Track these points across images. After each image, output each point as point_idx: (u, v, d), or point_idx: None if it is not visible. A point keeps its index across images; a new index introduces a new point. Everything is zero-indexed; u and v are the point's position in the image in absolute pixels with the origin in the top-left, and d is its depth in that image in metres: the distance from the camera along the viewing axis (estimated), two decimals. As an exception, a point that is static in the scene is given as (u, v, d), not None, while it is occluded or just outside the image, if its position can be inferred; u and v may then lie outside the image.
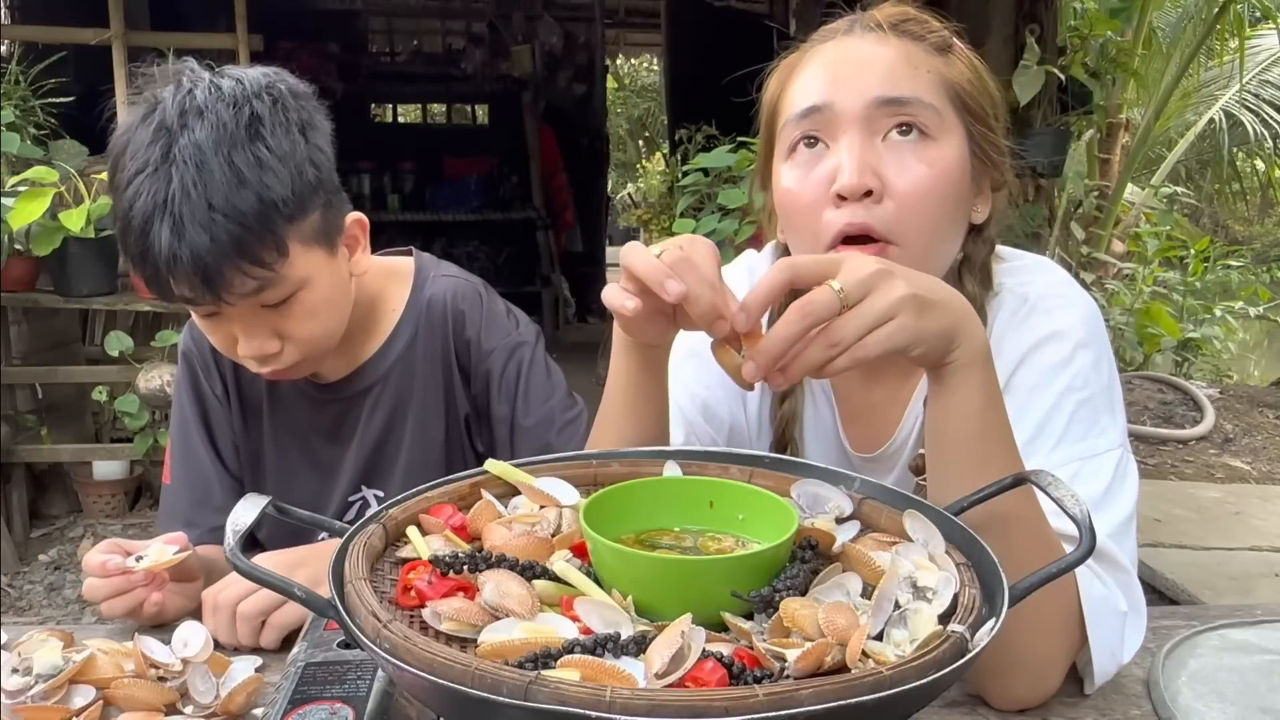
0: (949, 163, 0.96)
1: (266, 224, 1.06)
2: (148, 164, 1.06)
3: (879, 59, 0.97)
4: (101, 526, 3.86)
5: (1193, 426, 4.71)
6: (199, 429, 1.34)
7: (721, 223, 2.68)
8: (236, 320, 1.13)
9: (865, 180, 0.93)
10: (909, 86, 0.96)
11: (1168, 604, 2.82)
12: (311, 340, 1.16)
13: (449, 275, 1.35)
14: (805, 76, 1.01)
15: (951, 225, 0.99)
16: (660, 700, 0.53)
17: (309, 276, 1.13)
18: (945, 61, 1.00)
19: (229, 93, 1.08)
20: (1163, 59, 6.34)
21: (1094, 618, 0.87)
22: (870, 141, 0.96)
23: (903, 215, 0.94)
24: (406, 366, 1.31)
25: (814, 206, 0.97)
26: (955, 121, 0.98)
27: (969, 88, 1.00)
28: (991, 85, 1.03)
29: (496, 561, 0.68)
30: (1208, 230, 9.34)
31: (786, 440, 1.11)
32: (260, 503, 0.72)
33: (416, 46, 8.07)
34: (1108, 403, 0.97)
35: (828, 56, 1.00)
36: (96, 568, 1.07)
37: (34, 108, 3.66)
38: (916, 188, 0.94)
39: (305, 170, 1.10)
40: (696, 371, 1.10)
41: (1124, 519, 0.93)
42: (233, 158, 1.05)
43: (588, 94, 7.86)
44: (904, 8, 1.03)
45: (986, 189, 1.03)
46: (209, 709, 0.88)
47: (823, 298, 0.72)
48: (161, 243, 1.04)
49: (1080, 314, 1.00)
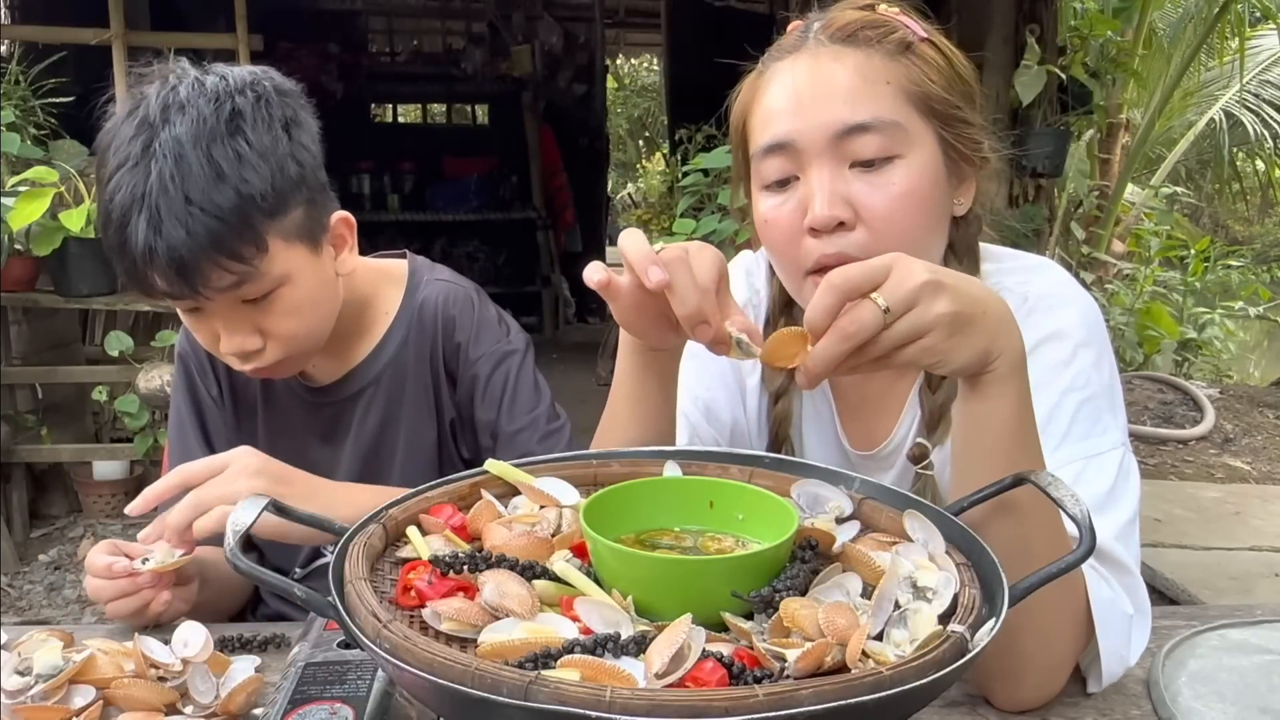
0: (919, 176, 0.96)
1: (244, 219, 1.06)
2: (128, 158, 1.06)
3: (836, 82, 0.96)
4: (101, 526, 3.86)
5: (1193, 426, 4.71)
6: (195, 431, 1.34)
7: (722, 223, 2.68)
8: (218, 316, 1.12)
9: (836, 213, 0.94)
10: (870, 108, 0.95)
11: (1168, 604, 2.82)
12: (293, 338, 1.16)
13: (442, 279, 1.34)
14: (768, 101, 1.00)
15: (930, 232, 0.99)
16: (660, 700, 0.53)
17: (290, 273, 1.12)
18: (906, 64, 0.97)
19: (211, 89, 1.08)
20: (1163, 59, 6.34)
21: (1102, 622, 0.87)
22: (838, 170, 0.95)
23: (878, 240, 0.94)
24: (398, 370, 1.30)
25: (790, 238, 0.98)
26: (923, 128, 0.97)
27: (934, 86, 0.98)
28: (962, 67, 1.02)
29: (496, 561, 0.68)
30: (1208, 230, 9.35)
31: (782, 439, 1.11)
32: (260, 503, 0.72)
33: (416, 46, 8.06)
34: (1109, 402, 0.97)
35: (787, 80, 0.99)
36: (102, 570, 1.07)
37: (34, 108, 3.65)
38: (889, 211, 0.94)
39: (287, 166, 1.10)
40: (698, 373, 1.10)
41: (1128, 520, 0.93)
42: (211, 152, 1.05)
43: (588, 94, 7.86)
44: (858, 13, 1.00)
45: (969, 176, 1.03)
46: (209, 709, 0.88)
47: (868, 319, 0.71)
48: (138, 236, 1.04)
49: (1080, 313, 1.00)
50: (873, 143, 0.95)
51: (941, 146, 0.98)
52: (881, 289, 0.72)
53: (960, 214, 1.03)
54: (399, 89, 7.82)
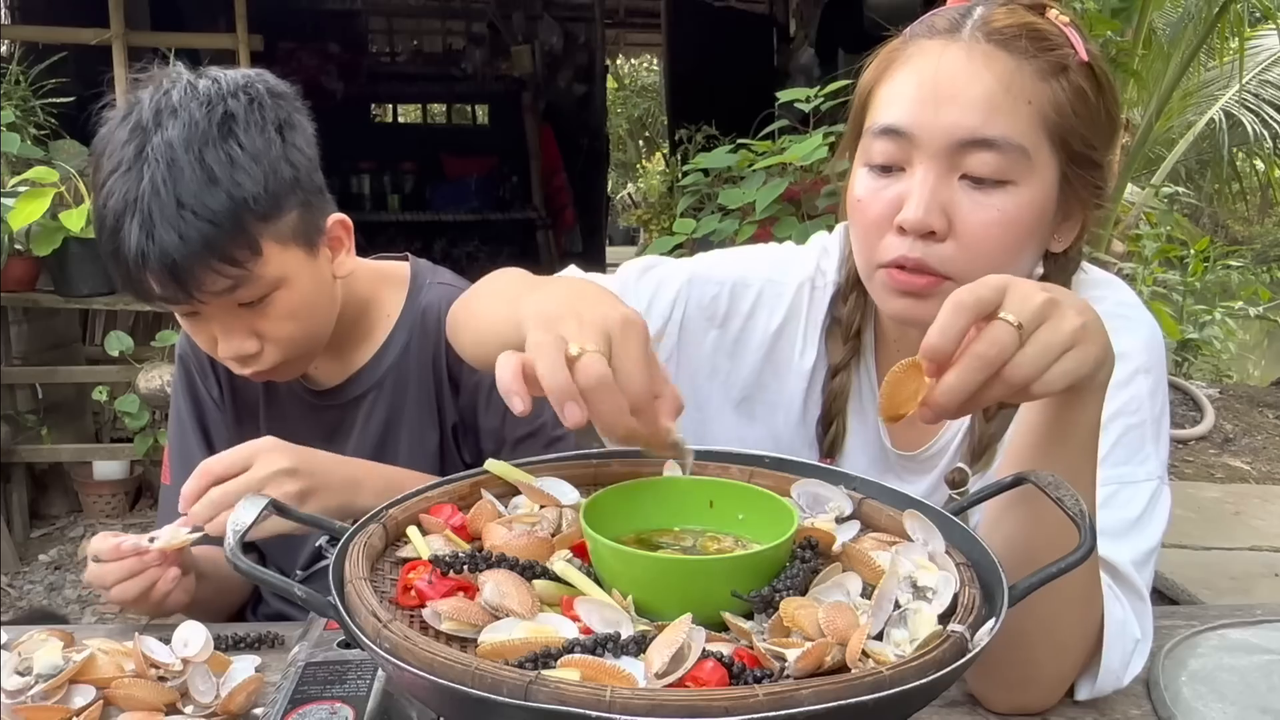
0: (1026, 209, 0.92)
1: (237, 222, 1.06)
2: (121, 163, 1.06)
3: (975, 85, 0.91)
4: (102, 526, 3.86)
5: (1193, 426, 4.71)
6: (195, 431, 1.34)
7: (722, 223, 2.67)
8: (215, 320, 1.12)
9: (930, 220, 0.90)
10: (1001, 124, 0.90)
11: (1168, 604, 2.82)
12: (291, 341, 1.16)
13: (445, 283, 1.34)
14: (899, 80, 0.95)
15: (1017, 264, 0.95)
16: (660, 700, 0.53)
17: (286, 276, 1.12)
18: (1056, 88, 0.92)
19: (204, 92, 1.08)
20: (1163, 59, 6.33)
21: (1111, 639, 0.88)
22: (945, 178, 0.92)
23: (963, 257, 0.91)
24: (401, 374, 1.30)
25: (878, 225, 0.95)
26: (1047, 159, 0.93)
27: (1074, 118, 0.93)
28: (1113, 104, 0.97)
29: (496, 561, 0.68)
30: (1208, 230, 9.33)
31: (835, 414, 1.08)
32: (260, 503, 0.72)
33: (416, 46, 8.06)
34: (1155, 432, 0.96)
35: (925, 66, 0.93)
36: (109, 550, 1.05)
37: (34, 108, 3.65)
38: (984, 234, 0.91)
39: (280, 169, 1.10)
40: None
41: (1149, 549, 0.92)
42: (204, 155, 1.05)
43: (588, 94, 7.85)
44: (1026, 15, 0.94)
45: (1077, 215, 0.98)
46: (209, 709, 0.88)
47: (1005, 337, 0.67)
48: (131, 241, 1.04)
49: (1146, 339, 0.98)
50: (991, 161, 0.90)
51: (1060, 183, 0.94)
52: (1005, 306, 0.68)
53: (1058, 250, 0.99)
54: (399, 89, 7.81)
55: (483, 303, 0.97)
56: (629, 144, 14.75)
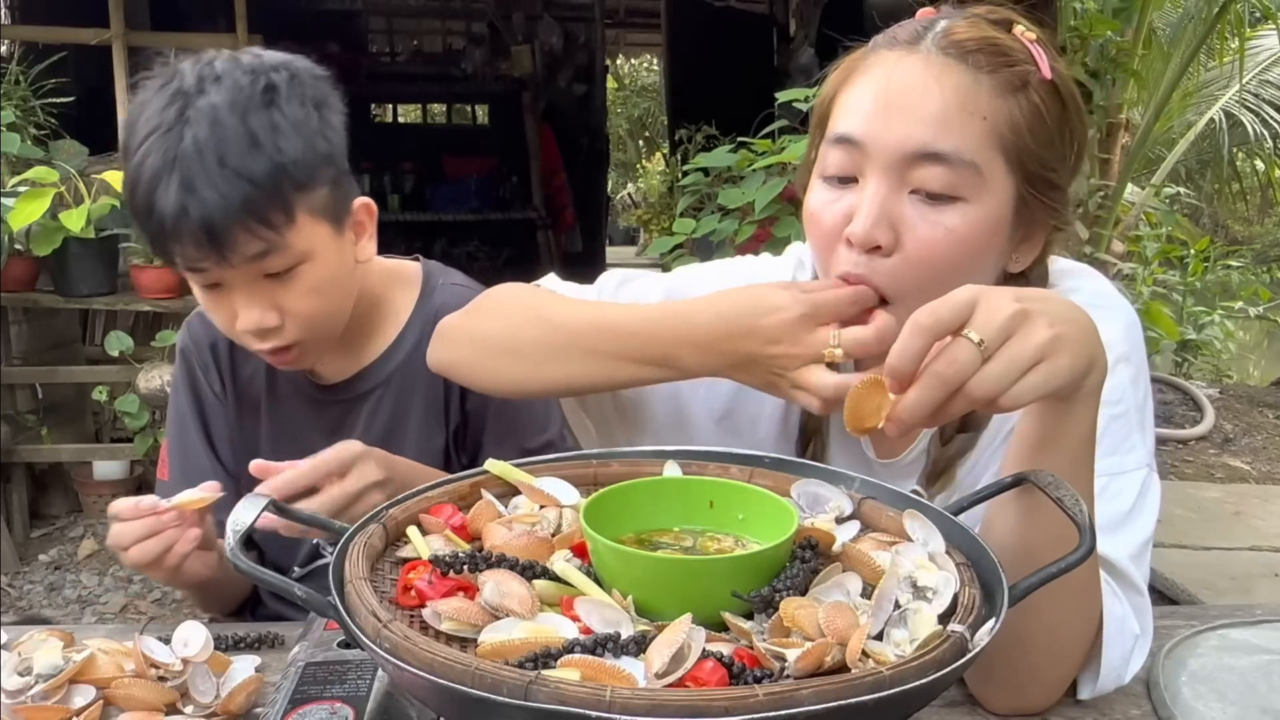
0: (977, 227, 0.90)
1: (276, 186, 1.07)
2: (160, 125, 1.07)
3: (929, 98, 0.89)
4: (102, 526, 3.86)
5: (1193, 426, 4.70)
6: (196, 426, 1.33)
7: (721, 223, 2.68)
8: (238, 290, 1.13)
9: (875, 234, 0.89)
10: (954, 138, 0.88)
11: (1168, 604, 2.82)
12: (311, 318, 1.16)
13: (458, 284, 1.34)
14: (857, 89, 0.94)
15: (967, 282, 0.92)
16: (660, 700, 0.53)
17: (313, 249, 1.13)
18: (1013, 104, 0.90)
19: (247, 64, 1.11)
20: (1163, 59, 6.33)
21: (1110, 637, 0.87)
22: (895, 192, 0.90)
23: (908, 275, 0.89)
24: (409, 373, 1.29)
25: (829, 236, 0.94)
26: (1003, 178, 0.90)
27: (1030, 137, 0.90)
28: (1077, 125, 0.95)
29: (496, 561, 0.68)
30: (1208, 230, 9.33)
31: (812, 431, 1.07)
32: (260, 502, 0.72)
33: (416, 46, 8.06)
34: (1139, 420, 0.95)
35: (882, 76, 0.92)
36: (129, 509, 1.05)
37: (34, 108, 3.65)
38: (931, 251, 0.89)
39: (317, 142, 1.12)
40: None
41: (1143, 541, 0.92)
42: (248, 119, 1.07)
43: (588, 94, 7.86)
44: (989, 30, 0.93)
45: (1037, 236, 0.96)
46: (209, 709, 0.88)
47: (962, 356, 0.67)
48: (170, 199, 1.05)
49: (1124, 326, 0.97)
50: (941, 176, 0.88)
51: (1015, 203, 0.92)
52: (971, 323, 0.68)
53: (1015, 271, 0.97)
54: (399, 89, 7.82)
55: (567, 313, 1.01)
56: (629, 144, 14.75)
